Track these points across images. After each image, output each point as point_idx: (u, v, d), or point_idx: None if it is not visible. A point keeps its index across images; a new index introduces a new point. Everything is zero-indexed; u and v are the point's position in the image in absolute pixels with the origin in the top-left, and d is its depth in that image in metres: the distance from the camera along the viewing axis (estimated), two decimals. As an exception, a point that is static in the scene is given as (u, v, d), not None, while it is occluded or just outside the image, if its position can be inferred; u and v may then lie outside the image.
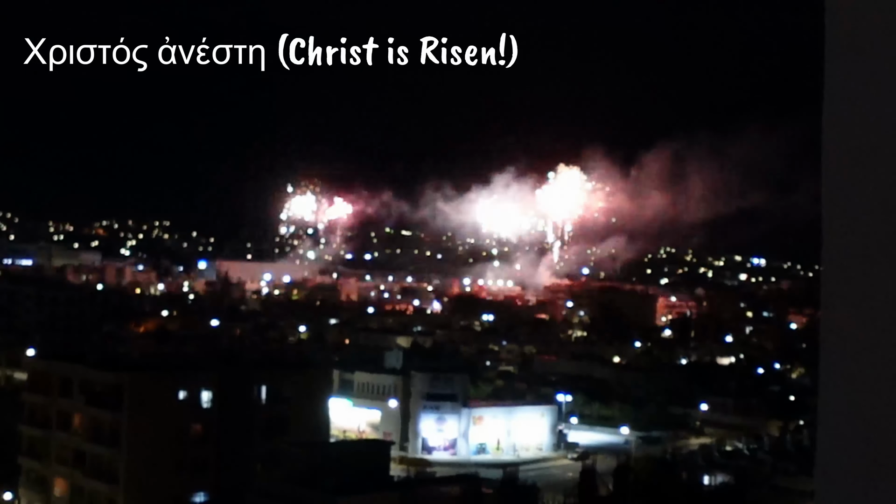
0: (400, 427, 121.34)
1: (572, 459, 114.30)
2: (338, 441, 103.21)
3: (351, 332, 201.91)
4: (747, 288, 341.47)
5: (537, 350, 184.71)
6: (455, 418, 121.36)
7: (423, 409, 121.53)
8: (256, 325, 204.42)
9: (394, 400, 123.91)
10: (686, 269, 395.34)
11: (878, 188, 2.94)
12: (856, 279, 2.95)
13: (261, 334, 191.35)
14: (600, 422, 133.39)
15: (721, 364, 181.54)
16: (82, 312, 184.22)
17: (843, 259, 2.98)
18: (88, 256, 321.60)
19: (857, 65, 2.99)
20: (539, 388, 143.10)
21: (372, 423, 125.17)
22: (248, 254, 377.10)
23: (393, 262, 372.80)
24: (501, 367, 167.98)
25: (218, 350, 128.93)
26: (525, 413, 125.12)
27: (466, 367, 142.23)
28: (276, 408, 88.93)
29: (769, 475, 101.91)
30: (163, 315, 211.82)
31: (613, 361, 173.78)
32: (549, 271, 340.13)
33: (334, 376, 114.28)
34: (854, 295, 2.95)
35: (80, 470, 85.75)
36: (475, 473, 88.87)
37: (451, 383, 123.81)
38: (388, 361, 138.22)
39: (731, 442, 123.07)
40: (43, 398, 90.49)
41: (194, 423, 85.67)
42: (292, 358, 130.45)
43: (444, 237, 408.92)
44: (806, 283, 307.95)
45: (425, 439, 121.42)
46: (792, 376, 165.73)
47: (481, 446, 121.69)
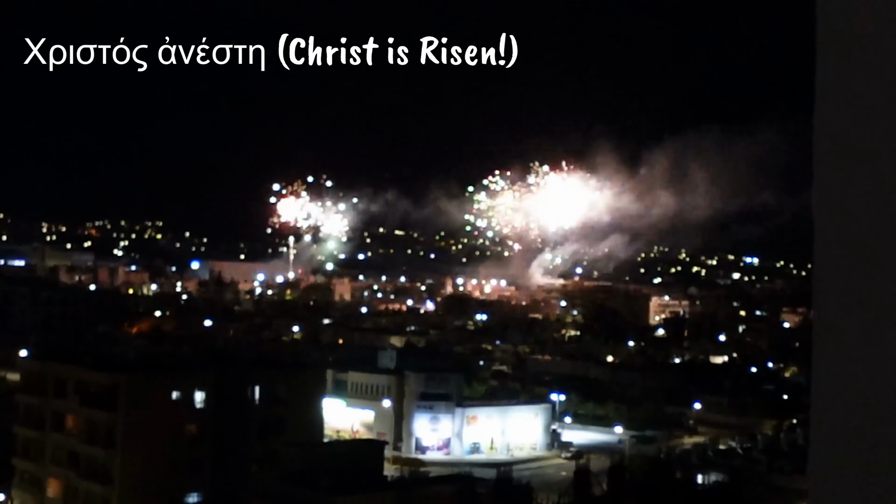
0: (394, 427, 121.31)
1: (566, 459, 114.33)
2: (332, 441, 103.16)
3: (345, 332, 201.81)
4: (740, 287, 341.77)
5: (531, 350, 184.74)
6: (449, 418, 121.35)
7: (416, 409, 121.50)
8: (250, 326, 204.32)
9: (387, 400, 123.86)
10: (679, 269, 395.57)
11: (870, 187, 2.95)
12: (848, 278, 2.96)
13: (255, 334, 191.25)
14: (594, 421, 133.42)
15: (715, 363, 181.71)
16: (76, 313, 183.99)
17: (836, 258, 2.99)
18: (81, 257, 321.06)
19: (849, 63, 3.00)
20: (533, 388, 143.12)
21: (366, 422, 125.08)
22: (242, 254, 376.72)
23: (387, 262, 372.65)
24: (495, 366, 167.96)
25: (212, 350, 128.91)
26: (519, 413, 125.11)
27: (460, 367, 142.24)
28: (271, 408, 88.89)
29: (763, 474, 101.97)
30: (156, 315, 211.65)
31: (607, 361, 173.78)
32: (542, 271, 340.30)
33: (328, 376, 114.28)
34: (846, 294, 2.96)
35: (75, 471, 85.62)
36: (469, 473, 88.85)
37: (445, 383, 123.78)
38: (381, 361, 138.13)
39: (725, 441, 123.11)
40: (37, 399, 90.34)
41: (189, 423, 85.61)
42: (286, 358, 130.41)
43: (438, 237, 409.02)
44: (799, 282, 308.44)
45: (419, 439, 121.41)
46: (785, 375, 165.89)
47: (475, 446, 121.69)
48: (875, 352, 2.91)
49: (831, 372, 2.97)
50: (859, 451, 2.91)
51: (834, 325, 2.98)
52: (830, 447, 2.96)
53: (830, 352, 2.98)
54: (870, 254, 2.93)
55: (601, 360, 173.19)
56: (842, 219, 2.99)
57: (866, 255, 2.94)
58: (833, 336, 2.98)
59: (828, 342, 2.98)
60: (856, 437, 2.92)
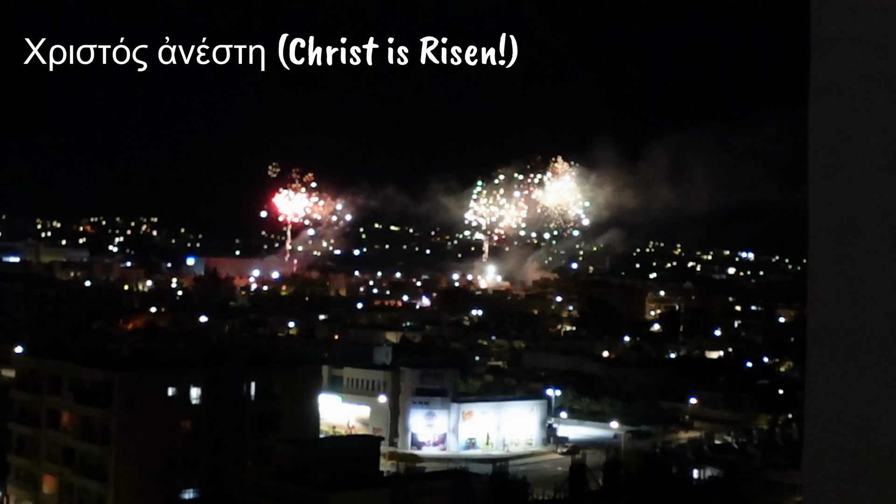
0: (389, 422, 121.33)
1: (562, 454, 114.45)
2: (327, 437, 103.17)
3: (340, 327, 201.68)
4: (736, 282, 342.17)
5: (527, 345, 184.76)
6: (444, 413, 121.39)
7: (412, 405, 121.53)
8: (245, 322, 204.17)
9: (383, 396, 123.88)
10: (675, 264, 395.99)
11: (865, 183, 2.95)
12: (843, 273, 2.96)
13: (250, 330, 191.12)
14: (590, 416, 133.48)
15: (710, 358, 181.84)
16: (71, 309, 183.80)
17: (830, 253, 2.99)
18: (76, 253, 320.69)
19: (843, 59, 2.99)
20: (528, 383, 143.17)
21: (361, 418, 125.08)
22: (237, 250, 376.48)
23: (382, 258, 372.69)
24: (491, 362, 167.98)
25: (207, 346, 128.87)
26: (515, 408, 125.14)
27: (456, 363, 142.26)
28: (266, 404, 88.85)
29: (758, 469, 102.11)
30: (151, 312, 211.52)
31: (603, 356, 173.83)
32: (538, 266, 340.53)
33: (324, 372, 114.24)
34: (841, 289, 2.96)
35: (70, 467, 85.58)
36: (465, 468, 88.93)
37: (441, 378, 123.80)
38: (377, 357, 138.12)
39: (721, 436, 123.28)
40: (32, 396, 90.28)
41: (184, 419, 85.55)
42: (281, 354, 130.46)
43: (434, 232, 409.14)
44: (794, 278, 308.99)
45: (415, 434, 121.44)
46: (781, 370, 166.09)
47: (471, 441, 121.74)
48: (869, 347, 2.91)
49: (826, 367, 2.97)
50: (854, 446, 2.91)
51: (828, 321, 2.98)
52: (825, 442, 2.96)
53: (825, 347, 2.98)
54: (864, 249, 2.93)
55: (597, 355, 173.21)
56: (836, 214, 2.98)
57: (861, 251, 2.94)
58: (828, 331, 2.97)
59: (822, 337, 2.98)
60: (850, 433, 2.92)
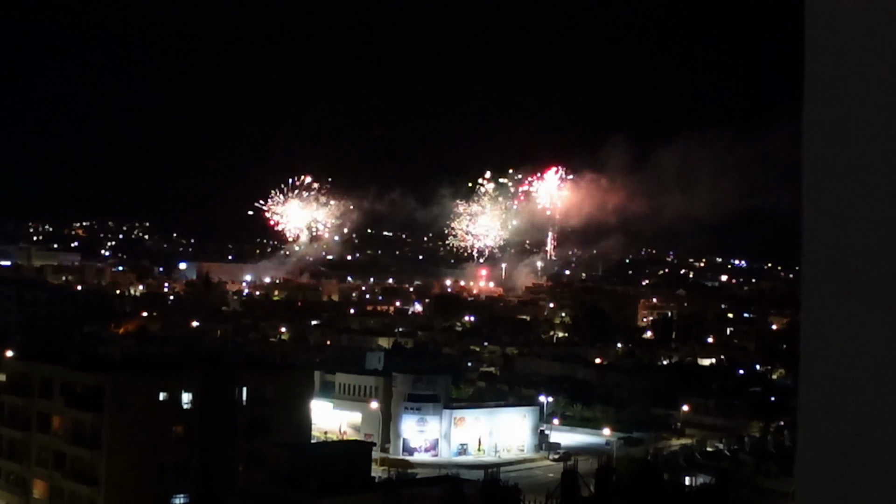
0: (381, 428, 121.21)
1: (554, 460, 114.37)
2: (319, 442, 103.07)
3: (332, 333, 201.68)
4: (728, 289, 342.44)
5: (519, 351, 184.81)
6: (436, 419, 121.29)
7: (404, 411, 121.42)
8: (237, 326, 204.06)
9: (375, 401, 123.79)
10: (667, 271, 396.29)
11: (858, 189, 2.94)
12: (835, 280, 2.95)
13: (242, 335, 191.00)
14: (582, 423, 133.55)
15: (702, 365, 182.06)
16: (62, 313, 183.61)
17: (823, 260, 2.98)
18: (68, 257, 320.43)
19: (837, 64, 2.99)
20: (521, 389, 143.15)
21: (353, 424, 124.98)
22: (229, 255, 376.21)
23: (375, 264, 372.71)
24: (483, 367, 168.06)
25: (199, 351, 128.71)
26: (507, 414, 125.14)
27: (448, 368, 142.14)
28: (258, 409, 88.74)
29: (750, 476, 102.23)
30: (143, 316, 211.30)
31: (595, 362, 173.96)
32: (531, 272, 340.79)
33: (316, 377, 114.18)
34: (834, 296, 2.95)
35: (61, 472, 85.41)
36: (456, 474, 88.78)
37: (433, 384, 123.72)
38: (369, 363, 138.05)
39: (713, 443, 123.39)
40: (23, 399, 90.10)
41: (175, 424, 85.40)
42: (274, 359, 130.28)
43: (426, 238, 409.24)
44: (786, 285, 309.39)
45: (407, 440, 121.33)
46: (773, 377, 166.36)
47: (463, 447, 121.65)
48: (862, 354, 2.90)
49: (818, 374, 2.96)
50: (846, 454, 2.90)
51: (821, 328, 2.97)
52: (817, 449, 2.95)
53: (818, 354, 2.96)
54: (858, 256, 2.92)
55: (589, 361, 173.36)
56: (830, 221, 2.97)
57: (854, 258, 2.93)
58: (820, 338, 2.96)
59: (815, 344, 2.97)
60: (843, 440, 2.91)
